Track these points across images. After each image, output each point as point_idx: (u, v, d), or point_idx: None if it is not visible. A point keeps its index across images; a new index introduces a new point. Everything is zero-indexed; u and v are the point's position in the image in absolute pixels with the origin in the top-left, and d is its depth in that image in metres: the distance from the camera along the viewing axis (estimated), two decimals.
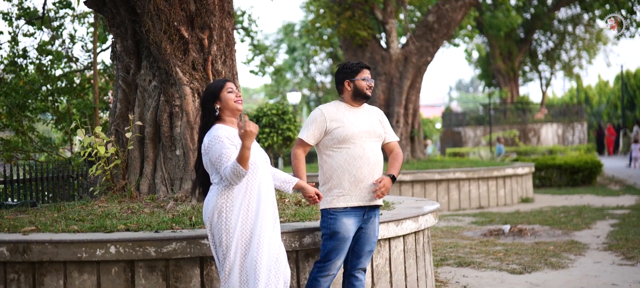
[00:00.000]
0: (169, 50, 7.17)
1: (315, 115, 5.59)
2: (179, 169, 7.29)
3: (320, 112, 5.60)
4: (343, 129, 5.52)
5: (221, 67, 7.52)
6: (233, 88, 5.04)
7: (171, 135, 7.38)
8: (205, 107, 4.99)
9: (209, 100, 4.98)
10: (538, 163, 21.37)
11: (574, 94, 61.90)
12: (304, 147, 5.60)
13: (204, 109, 5.00)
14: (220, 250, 4.81)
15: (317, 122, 5.55)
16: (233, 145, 4.80)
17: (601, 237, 10.92)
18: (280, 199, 7.23)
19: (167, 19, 7.12)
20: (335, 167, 5.52)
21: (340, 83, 5.69)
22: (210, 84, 5.11)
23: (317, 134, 5.55)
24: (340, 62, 5.79)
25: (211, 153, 4.79)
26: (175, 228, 5.81)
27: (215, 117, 4.96)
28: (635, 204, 15.64)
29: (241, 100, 5.07)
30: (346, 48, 19.38)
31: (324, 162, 5.59)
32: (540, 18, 42.67)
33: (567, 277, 8.12)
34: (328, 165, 5.56)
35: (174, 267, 5.50)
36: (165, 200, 7.03)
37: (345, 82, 5.66)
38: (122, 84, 7.80)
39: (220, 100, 4.97)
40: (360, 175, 5.53)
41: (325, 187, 5.56)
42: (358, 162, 5.53)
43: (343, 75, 5.67)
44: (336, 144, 5.53)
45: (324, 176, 5.59)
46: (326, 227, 5.51)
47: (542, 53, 46.92)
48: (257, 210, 4.82)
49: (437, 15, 18.21)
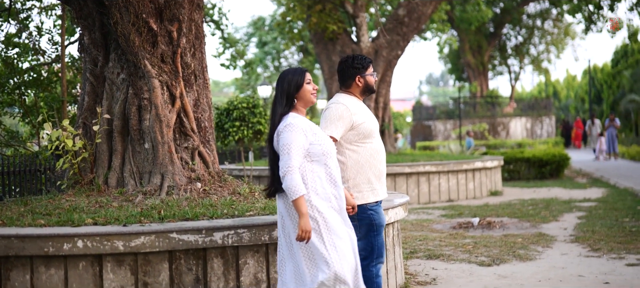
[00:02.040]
0: (137, 43, 7.11)
1: (341, 111, 5.44)
2: (148, 163, 7.24)
3: (345, 107, 5.46)
4: (367, 123, 5.49)
5: (190, 59, 7.48)
6: (311, 79, 5.02)
7: (140, 128, 7.32)
8: (286, 95, 4.92)
9: (293, 89, 4.93)
10: (507, 157, 21.54)
11: (543, 88, 62.51)
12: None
13: (285, 96, 4.92)
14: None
15: (344, 118, 5.42)
16: (308, 141, 4.79)
17: (568, 229, 11.03)
18: (250, 193, 7.21)
19: (136, 11, 7.05)
20: (363, 162, 5.46)
21: (351, 78, 5.60)
22: (289, 71, 5.02)
23: (343, 130, 5.42)
24: (345, 56, 5.72)
25: (282, 138, 4.76)
26: (143, 222, 5.77)
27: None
28: (602, 197, 15.82)
29: (316, 93, 5.07)
30: (317, 42, 19.37)
31: (348, 157, 5.46)
32: (509, 12, 43.02)
33: (535, 268, 8.19)
34: (353, 160, 5.46)
35: (142, 261, 5.47)
36: (134, 194, 6.98)
37: (356, 77, 5.60)
38: (90, 77, 7.71)
39: (301, 90, 4.95)
40: (382, 169, 5.57)
41: (352, 182, 5.46)
42: (380, 155, 5.54)
43: (355, 71, 5.59)
44: (361, 139, 5.47)
45: (348, 172, 5.45)
46: (369, 222, 5.47)
47: (511, 47, 47.31)
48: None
49: (407, 9, 18.25)
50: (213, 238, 5.53)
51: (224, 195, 7.06)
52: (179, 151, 7.30)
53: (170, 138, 7.18)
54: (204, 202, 6.63)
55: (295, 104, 4.96)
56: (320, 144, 4.86)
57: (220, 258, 5.63)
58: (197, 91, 7.59)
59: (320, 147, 4.85)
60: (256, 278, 5.75)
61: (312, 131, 4.86)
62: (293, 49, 41.72)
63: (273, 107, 4.96)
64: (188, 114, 7.37)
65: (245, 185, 7.53)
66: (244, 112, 10.89)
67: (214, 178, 7.40)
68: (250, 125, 11.47)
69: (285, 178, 4.67)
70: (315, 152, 4.83)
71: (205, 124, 7.62)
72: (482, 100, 44.05)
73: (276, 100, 4.94)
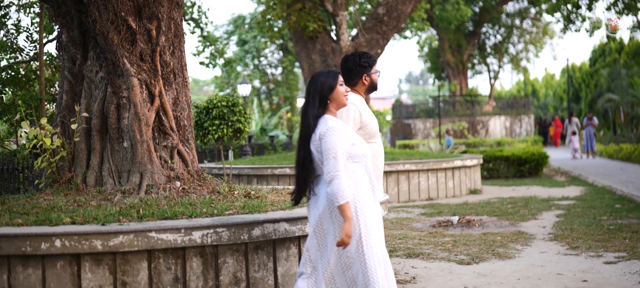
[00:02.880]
0: (116, 41, 7.07)
1: (353, 110, 5.41)
2: (127, 161, 7.20)
3: (356, 107, 5.45)
4: (373, 124, 5.47)
5: (170, 58, 7.45)
6: (343, 81, 5.01)
7: (118, 127, 7.28)
8: (320, 97, 4.89)
9: (327, 91, 4.89)
10: (486, 155, 21.64)
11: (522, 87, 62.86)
12: None
13: (318, 98, 4.88)
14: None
15: (356, 118, 5.40)
16: (350, 143, 4.78)
17: (547, 228, 11.10)
18: (230, 191, 7.20)
19: (114, 9, 7.01)
20: None
21: (358, 76, 5.56)
22: (322, 73, 4.99)
23: (355, 130, 5.38)
24: (350, 53, 5.66)
25: (325, 143, 4.70)
26: (122, 221, 5.74)
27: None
28: (580, 195, 15.94)
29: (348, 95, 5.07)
30: (296, 40, 19.36)
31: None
32: (488, 11, 43.23)
33: (514, 267, 8.23)
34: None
35: (121, 261, 5.44)
36: (113, 193, 6.94)
37: (363, 76, 5.57)
38: (68, 75, 7.66)
39: (333, 92, 4.92)
40: (381, 170, 5.56)
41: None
42: (381, 156, 5.53)
43: (362, 69, 5.54)
44: (366, 139, 5.44)
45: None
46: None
47: (491, 46, 47.55)
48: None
49: (387, 8, 18.28)
50: (192, 237, 5.52)
51: (203, 194, 7.04)
52: (158, 150, 7.27)
53: (149, 137, 7.15)
54: (183, 201, 6.60)
55: (328, 105, 4.93)
56: (360, 145, 4.86)
57: (199, 257, 5.62)
58: (176, 89, 7.56)
59: (360, 148, 4.84)
60: (235, 278, 5.73)
61: (350, 133, 4.87)
62: (273, 48, 41.68)
63: (304, 109, 4.90)
64: (167, 113, 7.34)
65: (225, 183, 7.51)
66: (224, 111, 10.84)
67: (193, 177, 7.37)
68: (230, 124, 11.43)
69: (333, 183, 4.63)
70: (356, 153, 4.81)
71: (184, 122, 7.59)
72: (462, 99, 44.24)
73: (308, 102, 4.88)
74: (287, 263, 5.98)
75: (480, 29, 45.45)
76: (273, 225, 5.81)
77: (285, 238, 5.97)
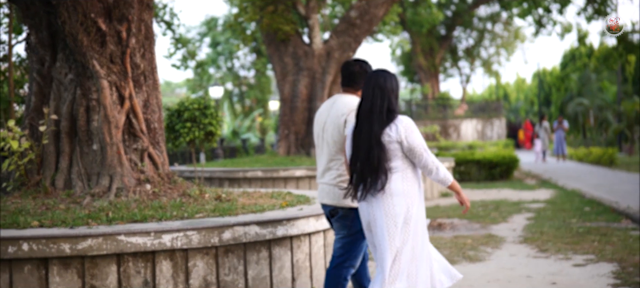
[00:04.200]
0: (85, 43, 7.01)
1: None
2: (96, 164, 7.13)
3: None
4: None
5: (140, 60, 7.40)
6: None
7: (88, 129, 7.21)
8: (396, 96, 5.12)
9: (397, 90, 5.16)
10: (458, 158, 21.76)
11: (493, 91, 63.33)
12: None
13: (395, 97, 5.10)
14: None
15: None
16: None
17: (517, 231, 11.18)
18: (200, 194, 7.16)
19: (84, 10, 6.95)
20: None
21: (362, 81, 5.55)
22: (387, 72, 5.17)
23: None
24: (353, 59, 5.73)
25: (414, 139, 5.00)
26: (91, 224, 5.69)
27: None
28: (550, 198, 16.07)
29: None
30: (269, 43, 19.32)
31: None
32: (460, 15, 43.46)
33: (484, 269, 8.28)
34: None
35: (89, 264, 5.38)
36: (82, 196, 6.88)
37: (363, 82, 5.57)
38: (37, 77, 7.58)
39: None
40: None
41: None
42: None
43: (365, 74, 5.53)
44: None
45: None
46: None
47: (463, 50, 47.82)
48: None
49: (359, 11, 18.31)
50: (162, 240, 5.48)
51: (173, 197, 7.00)
52: (128, 152, 7.22)
53: (119, 139, 7.09)
54: (153, 204, 6.56)
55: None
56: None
57: (169, 260, 5.58)
58: (147, 92, 7.51)
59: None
60: (206, 281, 5.70)
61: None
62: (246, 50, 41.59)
63: (379, 103, 5.05)
64: (137, 115, 7.29)
65: (196, 186, 7.47)
66: (196, 113, 10.80)
67: (163, 179, 7.33)
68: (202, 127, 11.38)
69: (439, 170, 5.08)
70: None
71: (154, 125, 7.54)
72: (434, 103, 44.42)
73: (386, 96, 5.06)
74: (257, 266, 5.96)
75: (452, 33, 45.69)
76: (244, 229, 5.79)
77: (256, 242, 5.95)
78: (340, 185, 5.45)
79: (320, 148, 5.68)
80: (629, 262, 8.41)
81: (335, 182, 5.49)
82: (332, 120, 5.52)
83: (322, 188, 5.60)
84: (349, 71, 5.68)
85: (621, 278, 7.60)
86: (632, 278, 7.56)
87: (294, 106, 18.61)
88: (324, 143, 5.60)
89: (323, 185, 5.59)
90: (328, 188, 5.54)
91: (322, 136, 5.62)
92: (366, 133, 5.03)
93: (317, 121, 5.71)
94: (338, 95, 5.69)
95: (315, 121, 5.74)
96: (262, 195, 7.81)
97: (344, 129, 5.42)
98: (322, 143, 5.64)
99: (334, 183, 5.50)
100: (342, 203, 5.46)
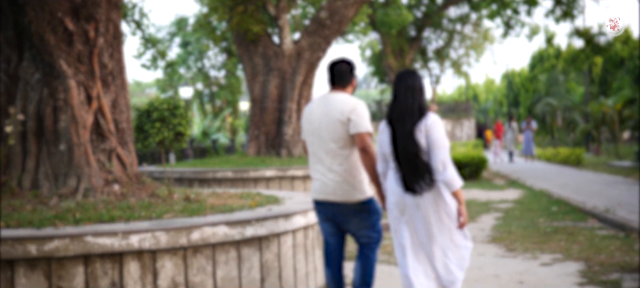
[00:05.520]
0: (52, 42, 6.95)
1: (365, 108, 5.71)
2: (63, 164, 7.08)
3: (366, 104, 5.76)
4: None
5: (108, 60, 7.35)
6: None
7: (55, 129, 7.15)
8: (423, 94, 5.46)
9: (423, 88, 5.50)
10: None
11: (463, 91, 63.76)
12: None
13: (423, 95, 5.45)
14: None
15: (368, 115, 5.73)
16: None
17: (486, 230, 11.27)
18: (169, 195, 7.13)
19: (51, 9, 6.89)
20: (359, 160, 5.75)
21: (351, 79, 5.84)
22: (417, 73, 5.52)
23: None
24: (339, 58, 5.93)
25: (436, 132, 5.31)
26: (58, 225, 5.65)
27: None
28: (518, 198, 16.22)
29: None
30: (239, 43, 19.28)
31: (357, 157, 5.71)
32: (430, 16, 43.67)
33: None
34: (358, 158, 5.71)
35: (56, 266, 5.33)
36: (49, 197, 6.82)
37: (352, 79, 5.86)
38: (4, 77, 7.50)
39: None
40: None
41: (362, 177, 5.74)
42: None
43: (353, 72, 5.85)
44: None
45: (359, 168, 5.72)
46: (378, 212, 5.88)
47: (432, 51, 48.06)
48: None
49: (329, 12, 18.33)
50: (129, 241, 5.44)
51: (141, 197, 6.96)
52: (96, 153, 7.17)
53: (86, 139, 7.04)
54: (121, 205, 6.52)
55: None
56: None
57: (137, 261, 5.54)
58: (115, 92, 7.46)
59: None
60: (174, 282, 5.68)
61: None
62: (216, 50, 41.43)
63: (413, 101, 5.39)
64: (105, 115, 7.24)
65: (164, 187, 7.44)
66: (165, 114, 10.75)
67: (131, 180, 7.29)
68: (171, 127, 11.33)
69: (447, 171, 5.28)
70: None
71: (123, 125, 7.50)
72: None
73: (416, 95, 5.42)
74: (226, 267, 5.95)
75: (422, 34, 45.90)
76: (212, 229, 5.78)
77: (224, 242, 5.93)
78: (349, 180, 5.66)
79: (316, 147, 5.79)
80: (595, 261, 8.52)
81: (343, 178, 5.67)
82: (332, 119, 5.65)
83: (326, 185, 5.73)
84: (339, 70, 5.83)
85: (587, 277, 7.70)
86: (598, 277, 7.66)
87: (264, 106, 18.59)
88: (322, 141, 5.72)
89: (328, 182, 5.72)
90: (334, 185, 5.69)
91: (319, 134, 5.73)
92: (401, 131, 5.36)
93: (309, 120, 5.83)
94: (329, 94, 5.81)
95: (306, 120, 5.85)
96: (231, 196, 7.80)
97: (349, 126, 5.61)
98: (318, 141, 5.75)
99: (341, 179, 5.67)
100: (352, 198, 5.69)
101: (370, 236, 5.87)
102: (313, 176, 5.88)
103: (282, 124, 18.47)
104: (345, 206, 5.74)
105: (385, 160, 5.60)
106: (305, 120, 5.86)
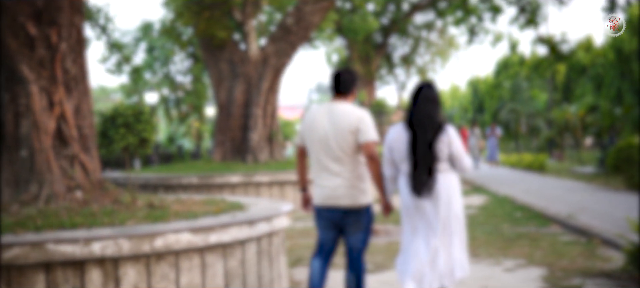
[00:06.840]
0: (14, 47, 6.86)
1: (370, 118, 5.91)
2: (25, 171, 6.99)
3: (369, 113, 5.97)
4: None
5: (71, 65, 7.28)
6: None
7: (16, 135, 7.06)
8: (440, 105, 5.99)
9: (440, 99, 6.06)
10: None
11: None
12: None
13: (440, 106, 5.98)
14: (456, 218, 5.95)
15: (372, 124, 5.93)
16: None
17: None
18: (132, 201, 7.07)
19: (12, 13, 6.81)
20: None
21: (354, 88, 6.03)
22: (433, 84, 6.03)
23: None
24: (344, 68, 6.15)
25: (457, 143, 5.91)
26: (18, 232, 5.57)
27: None
28: (483, 204, 16.34)
29: None
30: (205, 48, 19.22)
31: (361, 163, 5.90)
32: (396, 23, 43.88)
33: None
34: (363, 165, 5.92)
35: (16, 274, 5.26)
36: (10, 203, 6.73)
37: (355, 90, 6.04)
38: None
39: None
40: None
41: (365, 184, 5.95)
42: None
43: (356, 82, 6.04)
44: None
45: (365, 174, 5.94)
46: (373, 217, 6.10)
47: (398, 57, 48.29)
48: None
49: (295, 18, 18.35)
50: (91, 248, 5.39)
51: (104, 204, 6.90)
52: (58, 159, 7.09)
53: (48, 145, 6.96)
54: (83, 211, 6.45)
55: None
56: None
57: (99, 269, 5.49)
58: (78, 97, 7.39)
59: None
60: None
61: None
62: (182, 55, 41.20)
63: (433, 114, 5.89)
64: (68, 121, 7.17)
65: (128, 193, 7.38)
66: (129, 119, 10.67)
67: (94, 186, 7.22)
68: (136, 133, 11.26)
69: (469, 163, 5.99)
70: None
71: (86, 131, 7.42)
72: (370, 109, 44.71)
73: (435, 108, 5.93)
74: (190, 274, 5.92)
75: (388, 40, 46.10)
76: (175, 236, 5.74)
77: (188, 249, 5.90)
78: (356, 186, 5.87)
79: (322, 155, 5.90)
80: (557, 266, 8.61)
81: (351, 184, 5.87)
82: (342, 129, 5.82)
83: (335, 191, 5.88)
84: (343, 79, 6.00)
85: (550, 282, 7.77)
86: (560, 282, 7.74)
87: (230, 112, 18.53)
88: (330, 150, 5.86)
89: (336, 188, 5.87)
90: (343, 191, 5.86)
91: (326, 143, 5.86)
92: (422, 138, 5.83)
93: (312, 128, 5.94)
94: (333, 103, 5.96)
95: (308, 128, 5.96)
96: (195, 202, 7.76)
97: (357, 136, 5.80)
98: (325, 150, 5.88)
99: (350, 185, 5.86)
100: (359, 202, 5.90)
101: (363, 240, 6.04)
102: (318, 183, 5.99)
103: (248, 129, 18.41)
104: (351, 210, 5.93)
105: (394, 164, 6.04)
106: (307, 128, 5.98)
